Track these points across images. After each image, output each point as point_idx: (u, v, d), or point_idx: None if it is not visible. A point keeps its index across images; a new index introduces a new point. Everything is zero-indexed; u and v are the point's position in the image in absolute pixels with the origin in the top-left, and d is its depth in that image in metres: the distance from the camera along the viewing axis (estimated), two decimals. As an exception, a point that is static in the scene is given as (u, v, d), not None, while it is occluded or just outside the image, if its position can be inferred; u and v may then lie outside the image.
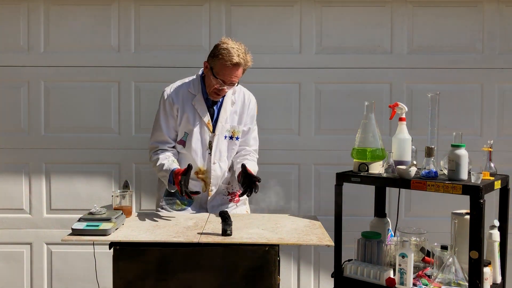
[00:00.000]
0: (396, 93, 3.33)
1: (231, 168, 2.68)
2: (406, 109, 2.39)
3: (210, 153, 2.57)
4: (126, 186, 3.14)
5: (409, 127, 2.40)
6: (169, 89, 2.59)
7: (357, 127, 2.44)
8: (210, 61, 2.48)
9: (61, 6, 3.30)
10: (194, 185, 2.58)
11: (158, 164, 2.51)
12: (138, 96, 3.33)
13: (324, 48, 3.34)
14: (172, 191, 2.55)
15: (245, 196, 2.71)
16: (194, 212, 2.61)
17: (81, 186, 3.34)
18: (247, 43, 3.30)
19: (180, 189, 2.34)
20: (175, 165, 2.47)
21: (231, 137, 2.62)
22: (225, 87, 2.45)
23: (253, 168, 2.56)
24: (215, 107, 2.59)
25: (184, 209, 2.61)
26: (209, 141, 2.57)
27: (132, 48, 3.33)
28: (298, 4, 3.33)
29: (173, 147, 2.60)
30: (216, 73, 2.43)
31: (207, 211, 2.61)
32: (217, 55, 2.43)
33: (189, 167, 2.35)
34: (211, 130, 2.56)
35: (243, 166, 2.43)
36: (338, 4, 3.33)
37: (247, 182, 2.41)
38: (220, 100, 2.59)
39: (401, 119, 2.37)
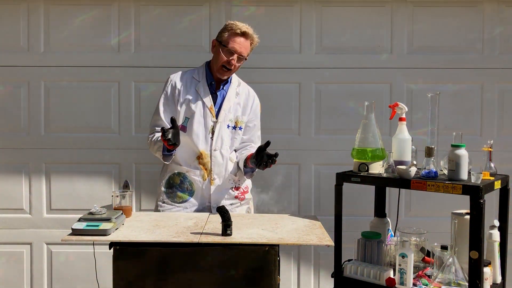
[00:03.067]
0: (396, 93, 3.34)
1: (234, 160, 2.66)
2: (406, 109, 2.39)
3: (212, 138, 2.58)
4: (126, 186, 3.13)
5: (409, 127, 2.40)
6: (174, 75, 2.66)
7: (357, 127, 2.44)
8: (218, 37, 2.58)
9: (61, 6, 3.30)
10: (194, 173, 2.58)
11: (153, 139, 2.56)
12: (138, 96, 3.33)
13: (324, 48, 3.34)
14: (167, 163, 2.59)
15: (250, 195, 2.74)
16: (197, 204, 2.60)
17: (81, 186, 3.34)
18: (247, 43, 3.32)
19: (168, 135, 2.29)
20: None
21: (234, 127, 2.63)
22: (234, 57, 2.50)
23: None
24: (218, 93, 2.62)
25: (185, 201, 2.60)
26: (212, 126, 2.58)
27: (132, 48, 3.33)
28: (298, 4, 3.33)
29: None
30: (226, 42, 2.51)
31: (209, 204, 2.59)
32: (225, 28, 2.56)
33: (173, 119, 2.34)
34: (214, 115, 2.58)
35: (267, 143, 2.42)
36: (338, 4, 3.33)
37: (263, 159, 2.40)
38: (225, 89, 2.63)
39: (401, 119, 2.37)
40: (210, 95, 2.59)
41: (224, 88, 2.63)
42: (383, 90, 3.34)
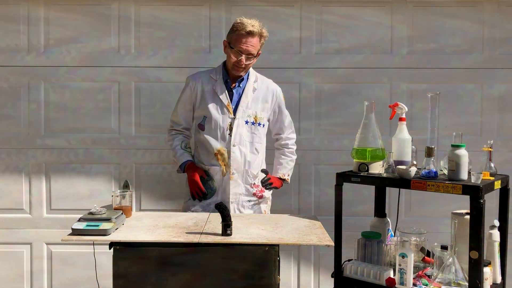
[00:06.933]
0: (396, 93, 3.34)
1: (257, 153, 2.74)
2: (406, 109, 2.39)
3: (230, 134, 2.65)
4: (126, 186, 3.14)
5: (409, 127, 2.40)
6: (192, 76, 2.76)
7: (357, 127, 2.44)
8: (227, 37, 2.65)
9: (61, 6, 3.30)
10: (214, 170, 2.67)
11: (172, 147, 2.78)
12: (138, 96, 3.33)
13: (324, 48, 3.34)
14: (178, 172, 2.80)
15: (268, 194, 2.85)
16: (217, 200, 2.66)
17: (81, 186, 3.34)
18: (247, 43, 3.32)
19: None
20: (186, 157, 2.73)
21: (253, 123, 2.70)
22: (242, 57, 2.56)
23: (282, 171, 2.90)
24: (234, 91, 2.70)
25: (209, 198, 2.68)
26: (230, 123, 2.65)
27: (132, 48, 3.33)
28: (298, 4, 3.33)
29: (186, 128, 2.81)
30: (233, 44, 2.57)
31: (228, 199, 2.66)
32: (232, 29, 2.61)
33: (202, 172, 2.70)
34: (231, 112, 2.65)
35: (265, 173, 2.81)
36: (338, 4, 3.33)
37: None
38: (242, 86, 2.70)
39: (401, 119, 2.37)
40: (227, 92, 2.67)
41: (241, 85, 2.71)
42: (383, 90, 3.34)
